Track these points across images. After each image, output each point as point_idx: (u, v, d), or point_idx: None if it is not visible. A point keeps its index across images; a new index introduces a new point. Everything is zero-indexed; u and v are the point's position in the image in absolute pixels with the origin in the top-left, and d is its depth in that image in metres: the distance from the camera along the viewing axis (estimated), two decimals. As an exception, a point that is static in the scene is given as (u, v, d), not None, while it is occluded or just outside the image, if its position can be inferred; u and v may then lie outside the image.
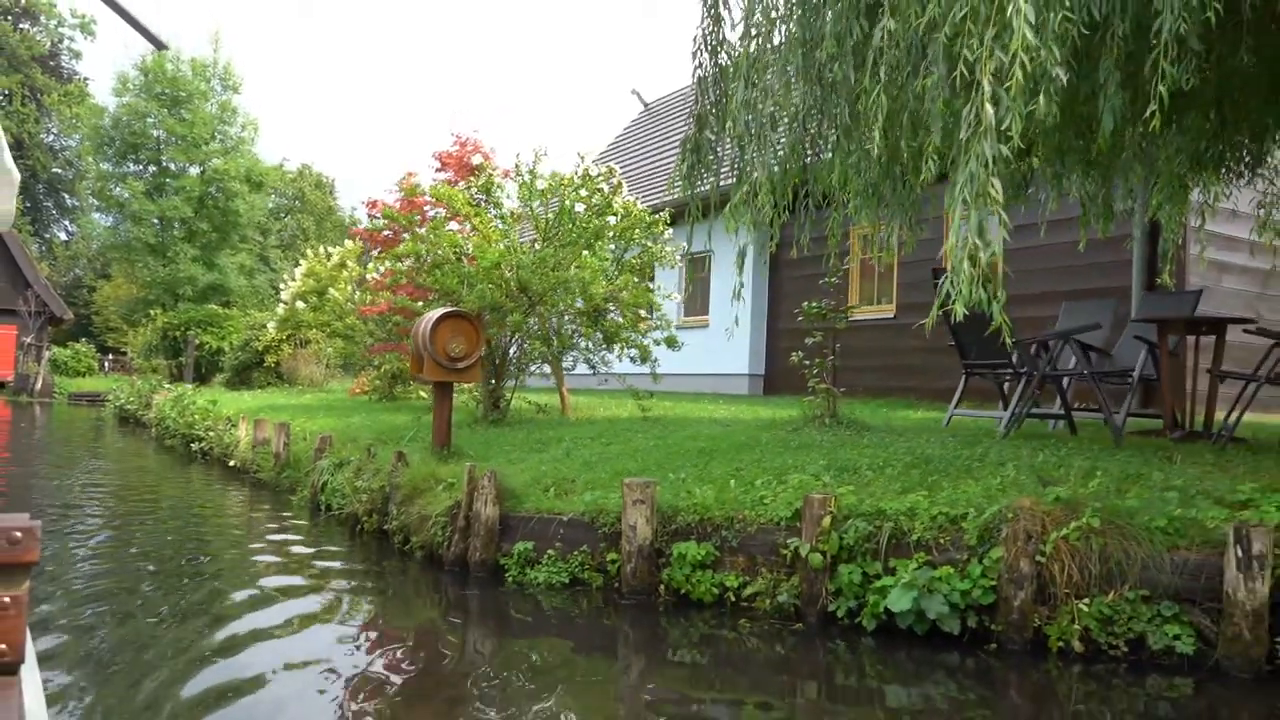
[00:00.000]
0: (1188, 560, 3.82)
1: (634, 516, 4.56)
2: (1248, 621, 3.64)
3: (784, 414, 7.58)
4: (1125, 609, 3.81)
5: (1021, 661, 3.89)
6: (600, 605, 4.65)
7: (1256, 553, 3.62)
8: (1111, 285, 10.14)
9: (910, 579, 3.91)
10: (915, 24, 3.84)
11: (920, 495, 4.35)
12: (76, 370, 34.42)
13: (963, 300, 3.42)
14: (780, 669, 4.02)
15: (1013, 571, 3.91)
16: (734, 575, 4.43)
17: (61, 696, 3.27)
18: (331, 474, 6.94)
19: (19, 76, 48.51)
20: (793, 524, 4.36)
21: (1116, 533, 3.89)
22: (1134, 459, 5.13)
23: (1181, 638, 3.73)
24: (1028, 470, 4.77)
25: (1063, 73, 3.56)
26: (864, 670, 3.99)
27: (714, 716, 3.48)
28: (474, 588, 5.00)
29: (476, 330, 6.18)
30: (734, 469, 5.19)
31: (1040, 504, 3.98)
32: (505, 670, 3.90)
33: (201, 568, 5.63)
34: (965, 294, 3.42)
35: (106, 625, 4.32)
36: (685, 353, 16.22)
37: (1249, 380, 5.83)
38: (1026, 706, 3.74)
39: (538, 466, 5.77)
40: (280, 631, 4.22)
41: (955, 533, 4.11)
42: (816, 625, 4.22)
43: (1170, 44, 3.68)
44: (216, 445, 10.82)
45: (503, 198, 9.59)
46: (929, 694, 3.75)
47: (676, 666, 4.08)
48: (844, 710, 3.67)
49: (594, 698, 3.60)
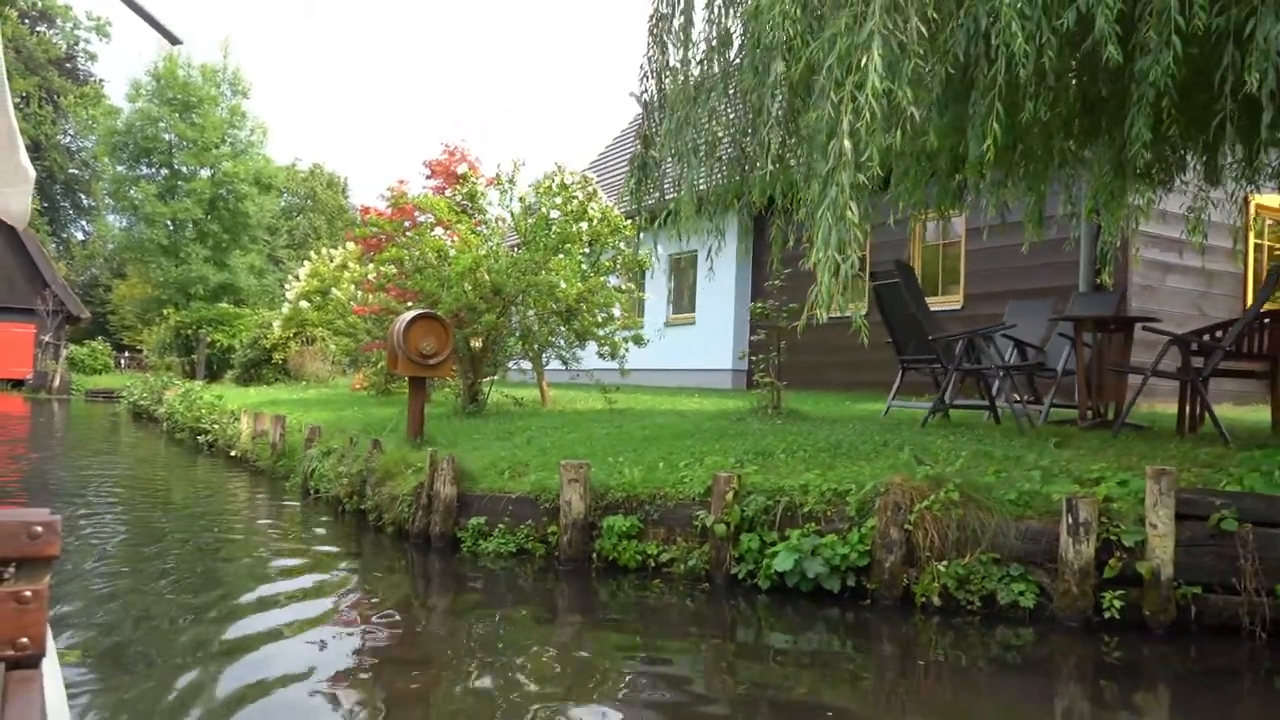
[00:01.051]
0: (1030, 528, 4.44)
1: (570, 494, 5.21)
2: (1076, 579, 4.26)
3: (741, 406, 8.19)
4: (979, 570, 4.43)
5: (891, 615, 4.52)
6: (542, 571, 5.31)
7: (1083, 520, 4.25)
8: (1062, 284, 10.70)
9: (795, 544, 4.55)
10: (796, 68, 4.47)
11: (815, 474, 4.98)
12: (93, 368, 35.35)
13: (823, 304, 4.04)
14: (691, 623, 4.66)
15: (884, 538, 4.54)
16: (655, 544, 5.08)
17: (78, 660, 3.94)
18: (319, 461, 7.62)
19: (36, 79, 49.42)
20: (704, 499, 5.01)
21: (973, 505, 4.52)
22: (1025, 444, 5.74)
23: (1025, 594, 4.35)
24: (920, 453, 5.39)
25: (918, 111, 4.19)
26: (759, 623, 4.63)
27: (636, 664, 4.09)
28: (435, 557, 5.67)
29: (446, 330, 6.85)
30: (666, 453, 5.84)
31: (910, 480, 4.61)
32: (458, 626, 4.55)
33: (203, 545, 6.30)
34: (825, 299, 4.04)
35: (118, 599, 5.00)
36: (673, 349, 16.99)
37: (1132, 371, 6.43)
38: (895, 653, 4.37)
39: (498, 452, 6.43)
40: (271, 600, 4.87)
41: (840, 505, 4.74)
42: (722, 586, 4.86)
43: (1028, 80, 4.30)
44: (221, 437, 11.55)
45: (486, 204, 10.24)
46: (813, 642, 4.39)
47: (605, 622, 4.73)
48: (743, 657, 4.29)
49: (535, 648, 4.21)
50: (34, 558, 1.39)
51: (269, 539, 6.65)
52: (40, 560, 1.39)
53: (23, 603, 1.36)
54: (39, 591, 1.38)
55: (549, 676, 3.71)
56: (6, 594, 1.36)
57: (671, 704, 3.41)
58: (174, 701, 3.26)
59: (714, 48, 5.75)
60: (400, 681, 3.67)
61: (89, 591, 4.79)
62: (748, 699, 3.58)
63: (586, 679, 3.74)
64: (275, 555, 6.04)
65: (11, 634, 1.36)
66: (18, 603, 1.36)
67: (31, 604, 1.37)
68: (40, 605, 1.39)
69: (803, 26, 4.58)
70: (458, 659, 4.01)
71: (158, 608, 4.61)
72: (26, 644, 1.37)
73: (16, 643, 1.37)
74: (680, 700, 3.47)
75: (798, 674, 3.95)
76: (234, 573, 5.49)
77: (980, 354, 7.23)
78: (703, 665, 4.06)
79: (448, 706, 3.45)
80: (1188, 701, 3.89)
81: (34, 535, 1.37)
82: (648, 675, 3.79)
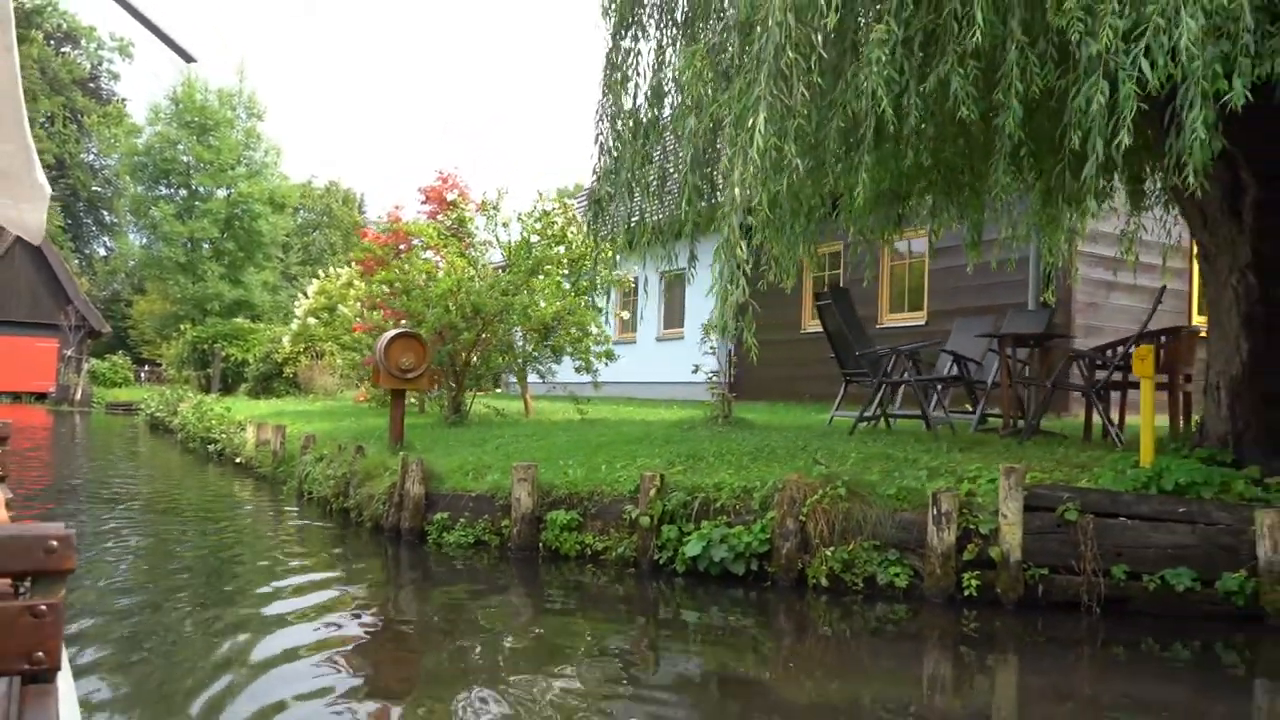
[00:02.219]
0: (905, 518, 5.15)
1: (519, 491, 5.95)
2: (940, 562, 4.96)
3: (696, 415, 8.91)
4: (861, 555, 5.14)
5: (788, 594, 5.23)
6: (496, 559, 6.05)
7: (946, 511, 4.95)
8: (1016, 301, 11.38)
9: (704, 532, 5.27)
10: (705, 122, 5.22)
11: (730, 474, 5.71)
12: (113, 381, 36.42)
13: (717, 328, 4.77)
14: (621, 602, 5.38)
15: (782, 528, 5.25)
16: (591, 535, 5.81)
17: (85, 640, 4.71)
18: (312, 466, 8.39)
19: (61, 99, 50.80)
20: (634, 495, 5.73)
21: (857, 499, 5.23)
22: (933, 449, 6.44)
23: (899, 575, 5.05)
24: (832, 457, 6.10)
25: (801, 163, 4.92)
26: (676, 601, 5.34)
27: (572, 636, 4.76)
28: (404, 548, 6.42)
29: (424, 347, 7.62)
30: (611, 457, 6.57)
31: (805, 478, 5.32)
32: (423, 606, 5.29)
33: (207, 541, 7.07)
34: (720, 322, 4.77)
35: (133, 595, 5.77)
36: (663, 362, 17.73)
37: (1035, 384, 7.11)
38: (790, 627, 5.07)
39: (466, 457, 7.18)
40: (265, 583, 5.62)
41: (747, 500, 5.47)
42: (647, 570, 5.59)
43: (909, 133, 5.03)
44: (228, 446, 12.36)
45: (474, 229, 11.04)
46: (720, 617, 5.10)
47: (549, 601, 5.46)
48: (662, 630, 5.00)
49: (487, 624, 4.92)
50: (49, 572, 1.38)
51: (265, 537, 7.42)
52: (55, 574, 1.39)
53: (38, 617, 1.36)
54: (54, 605, 1.38)
55: (497, 647, 4.43)
56: (22, 608, 1.36)
57: (602, 669, 4.08)
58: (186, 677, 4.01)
59: (651, 100, 6.50)
60: (373, 651, 4.39)
61: (101, 589, 5.57)
62: (666, 666, 4.27)
63: (530, 649, 4.44)
64: (270, 551, 6.80)
65: (27, 648, 1.36)
66: (33, 617, 1.36)
67: (47, 618, 1.37)
68: (56, 619, 1.38)
69: (713, 87, 5.33)
70: (419, 633, 4.74)
71: (169, 603, 5.38)
72: (42, 658, 1.36)
73: (32, 657, 1.36)
74: (611, 666, 4.15)
75: (708, 645, 4.65)
76: (233, 567, 6.25)
77: (905, 368, 7.93)
78: (629, 638, 4.76)
79: (409, 669, 4.19)
80: (1034, 666, 4.57)
81: (49, 550, 1.37)
82: (584, 646, 4.49)
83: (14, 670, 1.36)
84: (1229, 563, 4.75)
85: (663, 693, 3.77)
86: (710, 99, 5.27)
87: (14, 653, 1.35)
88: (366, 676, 3.87)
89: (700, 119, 5.26)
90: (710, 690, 3.94)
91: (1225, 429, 5.98)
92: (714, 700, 3.82)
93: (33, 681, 1.37)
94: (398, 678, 4.03)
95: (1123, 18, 4.10)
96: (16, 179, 2.68)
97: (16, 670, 1.36)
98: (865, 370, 8.22)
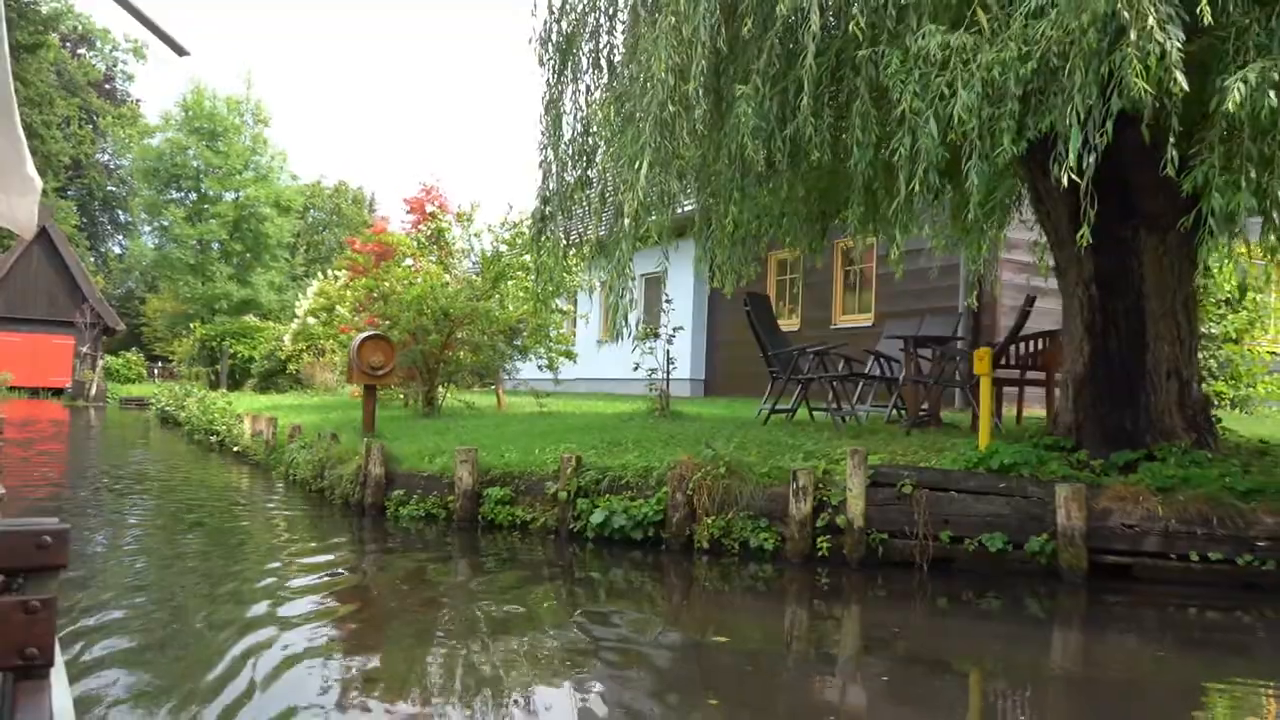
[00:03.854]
0: (773, 492, 6.15)
1: (461, 471, 6.98)
2: (798, 528, 5.96)
3: (639, 409, 9.92)
4: (737, 523, 6.14)
5: (678, 556, 6.24)
6: (443, 529, 7.08)
7: (803, 486, 5.95)
8: (948, 305, 12.36)
9: (607, 504, 6.30)
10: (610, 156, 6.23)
11: (635, 456, 6.72)
12: (127, 377, 37.76)
13: (611, 332, 5.78)
14: (543, 563, 6.39)
15: (673, 500, 6.27)
16: (521, 508, 6.84)
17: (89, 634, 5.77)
18: (297, 453, 9.45)
19: (77, 101, 52.02)
20: (555, 474, 6.76)
21: (736, 476, 6.24)
22: (824, 437, 7.44)
23: (768, 540, 6.05)
24: (734, 445, 7.10)
25: (683, 197, 5.93)
26: (586, 561, 6.35)
27: (502, 591, 5.69)
28: (368, 520, 7.46)
29: (392, 348, 8.67)
30: (547, 443, 7.59)
31: (693, 460, 6.34)
32: (382, 569, 6.30)
33: (202, 519, 8.14)
34: (613, 329, 5.78)
35: (139, 566, 6.83)
36: (645, 360, 18.72)
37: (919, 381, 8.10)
38: (679, 583, 6.08)
39: (426, 443, 8.22)
40: (250, 552, 6.68)
41: (647, 477, 6.48)
42: (565, 537, 6.61)
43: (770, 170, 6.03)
44: (228, 437, 13.45)
45: (452, 238, 12.08)
46: (622, 574, 6.11)
47: (484, 563, 6.47)
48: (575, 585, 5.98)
49: (434, 582, 5.92)
50: (42, 567, 1.38)
51: (254, 514, 8.48)
52: (48, 569, 1.39)
53: (31, 612, 1.36)
54: (47, 601, 1.38)
55: (437, 600, 5.44)
56: (15, 604, 1.36)
57: (524, 613, 4.99)
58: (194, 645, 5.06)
59: (582, 133, 7.52)
60: (338, 605, 5.42)
61: (103, 555, 6.64)
62: (577, 615, 5.20)
63: (465, 600, 5.42)
64: (255, 526, 7.86)
65: (20, 644, 1.36)
66: (26, 612, 1.36)
67: (40, 614, 1.36)
68: (49, 615, 1.37)
69: (617, 127, 6.34)
70: (378, 592, 5.75)
71: (166, 569, 6.44)
72: (35, 654, 1.36)
73: (25, 652, 1.36)
74: (532, 612, 5.08)
75: (611, 597, 5.65)
76: (223, 540, 7.30)
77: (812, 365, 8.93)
78: (548, 591, 5.75)
79: (369, 616, 5.23)
80: (873, 614, 5.56)
81: (43, 545, 1.37)
82: (509, 598, 5.41)
83: (6, 665, 1.36)
84: (1035, 528, 5.74)
85: (573, 634, 4.63)
86: (615, 139, 6.29)
87: (6, 648, 1.35)
88: (334, 624, 4.84)
89: (606, 153, 6.28)
90: (613, 633, 4.80)
91: (1071, 420, 6.96)
92: (615, 640, 4.64)
93: (26, 677, 1.37)
94: (358, 621, 5.02)
95: (921, 85, 5.07)
96: (6, 172, 2.64)
97: (9, 665, 1.36)
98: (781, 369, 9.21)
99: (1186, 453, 6.28)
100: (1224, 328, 12.34)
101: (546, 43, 7.12)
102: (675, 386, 18.45)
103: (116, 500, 8.83)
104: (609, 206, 7.07)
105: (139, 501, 8.97)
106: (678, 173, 5.82)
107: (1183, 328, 6.78)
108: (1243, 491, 5.72)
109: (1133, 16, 4.25)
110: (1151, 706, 3.94)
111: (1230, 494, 5.69)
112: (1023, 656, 4.66)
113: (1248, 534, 5.57)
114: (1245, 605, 5.46)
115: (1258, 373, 12.52)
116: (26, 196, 2.81)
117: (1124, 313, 6.80)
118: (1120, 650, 4.84)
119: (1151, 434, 6.61)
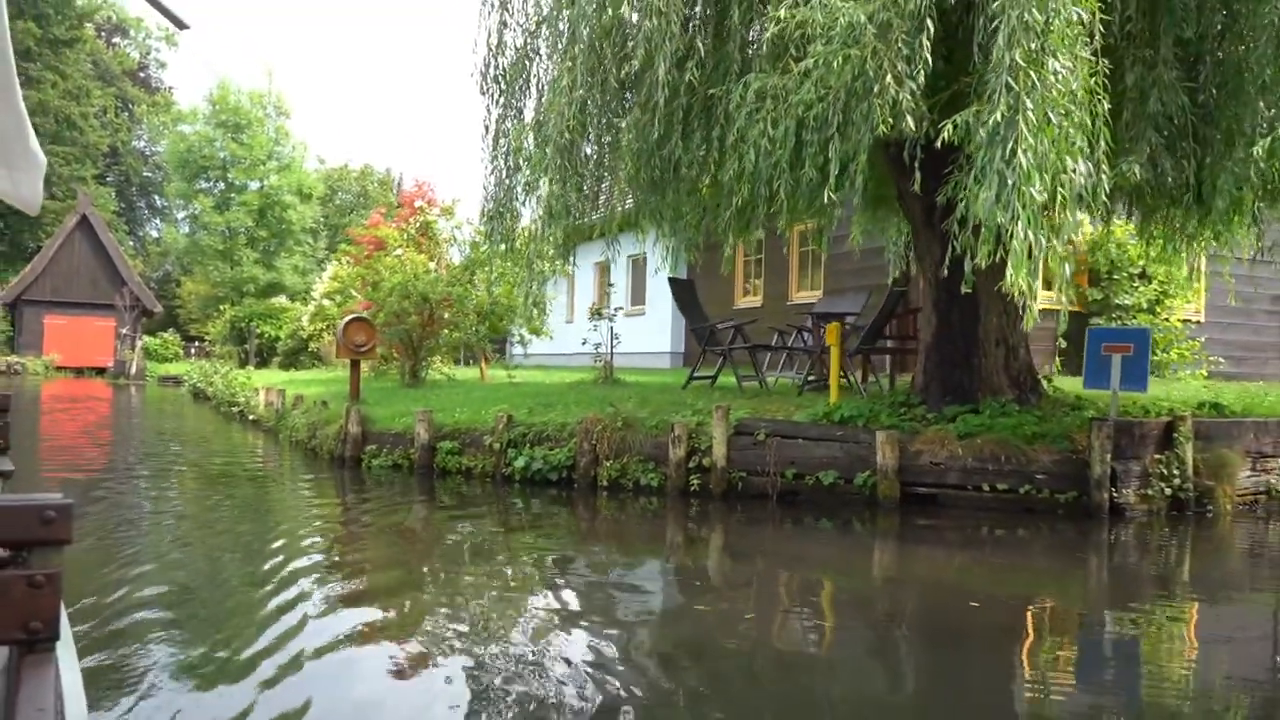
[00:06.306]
0: (658, 440, 7.66)
1: (419, 428, 8.57)
2: (675, 469, 7.48)
3: (587, 378, 11.45)
4: (632, 466, 7.66)
5: (586, 492, 7.78)
6: (406, 476, 8.68)
7: (678, 434, 7.46)
8: (881, 282, 13.72)
9: (528, 453, 7.86)
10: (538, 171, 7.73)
11: (557, 414, 8.27)
12: (164, 356, 39.96)
13: (523, 316, 7.30)
14: (483, 500, 7.94)
15: (581, 448, 7.80)
16: (468, 458, 8.41)
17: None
18: (298, 418, 11.11)
19: (113, 90, 53.79)
20: (493, 429, 8.32)
21: (630, 428, 7.76)
22: (724, 399, 8.92)
23: (654, 479, 7.57)
24: (646, 407, 8.60)
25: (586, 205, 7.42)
26: (515, 498, 7.91)
27: (450, 521, 7.27)
28: (347, 471, 9.09)
29: (373, 329, 10.28)
30: (497, 405, 9.15)
31: (598, 416, 7.87)
32: (358, 506, 7.90)
33: (211, 467, 9.82)
34: (523, 312, 7.29)
35: (157, 516, 8.51)
36: (631, 334, 20.26)
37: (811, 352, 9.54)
38: (585, 512, 7.60)
39: (401, 408, 9.82)
40: (253, 497, 8.33)
41: (563, 430, 8.02)
42: (500, 479, 8.19)
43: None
44: (246, 407, 15.20)
45: (438, 231, 13.65)
46: (542, 505, 7.66)
47: (439, 500, 8.04)
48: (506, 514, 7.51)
49: (398, 516, 7.49)
50: (47, 541, 1.39)
51: (259, 465, 10.16)
52: (53, 544, 1.40)
53: (36, 586, 1.37)
54: (52, 575, 1.38)
55: (398, 528, 7.03)
56: (19, 577, 1.38)
57: (465, 536, 6.60)
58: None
59: (522, 144, 8.99)
60: (326, 530, 7.05)
61: (135, 496, 8.32)
62: (509, 538, 6.78)
63: (420, 528, 7.02)
64: (266, 476, 9.52)
65: (24, 617, 1.37)
66: (31, 586, 1.37)
67: (45, 588, 1.37)
68: (53, 589, 1.38)
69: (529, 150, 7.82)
70: (353, 523, 7.35)
71: (181, 529, 8.11)
72: (39, 628, 1.38)
73: (29, 626, 1.38)
74: (473, 536, 6.66)
75: (534, 523, 7.19)
76: (230, 485, 8.97)
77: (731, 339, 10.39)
78: (485, 520, 7.29)
79: (342, 536, 6.84)
80: (734, 535, 7.03)
81: (47, 520, 1.38)
82: (456, 524, 6.99)
83: (10, 639, 1.39)
84: (861, 467, 7.21)
85: (503, 554, 6.11)
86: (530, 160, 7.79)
87: (10, 622, 1.37)
88: (321, 553, 6.50)
89: (532, 171, 7.78)
90: (527, 543, 6.38)
91: (922, 381, 8.40)
92: (536, 556, 6.11)
93: (31, 651, 1.39)
94: (339, 547, 6.66)
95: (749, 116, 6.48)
96: (9, 148, 2.65)
97: (12, 639, 1.38)
98: (710, 344, 10.68)
99: (1004, 406, 7.70)
100: (1136, 298, 13.62)
101: (485, 75, 8.59)
102: (659, 360, 20.02)
103: (147, 463, 10.55)
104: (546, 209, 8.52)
105: (176, 455, 10.69)
106: (575, 187, 7.29)
107: (1009, 304, 8.17)
108: (1029, 435, 7.15)
109: (877, 76, 5.66)
110: (948, 595, 5.35)
111: (1016, 437, 7.12)
112: (849, 562, 6.15)
113: (1029, 469, 7.01)
114: (1025, 525, 6.89)
115: (1172, 340, 13.78)
116: (30, 173, 2.80)
117: (963, 292, 8.20)
118: (925, 558, 6.28)
119: (981, 391, 8.03)
